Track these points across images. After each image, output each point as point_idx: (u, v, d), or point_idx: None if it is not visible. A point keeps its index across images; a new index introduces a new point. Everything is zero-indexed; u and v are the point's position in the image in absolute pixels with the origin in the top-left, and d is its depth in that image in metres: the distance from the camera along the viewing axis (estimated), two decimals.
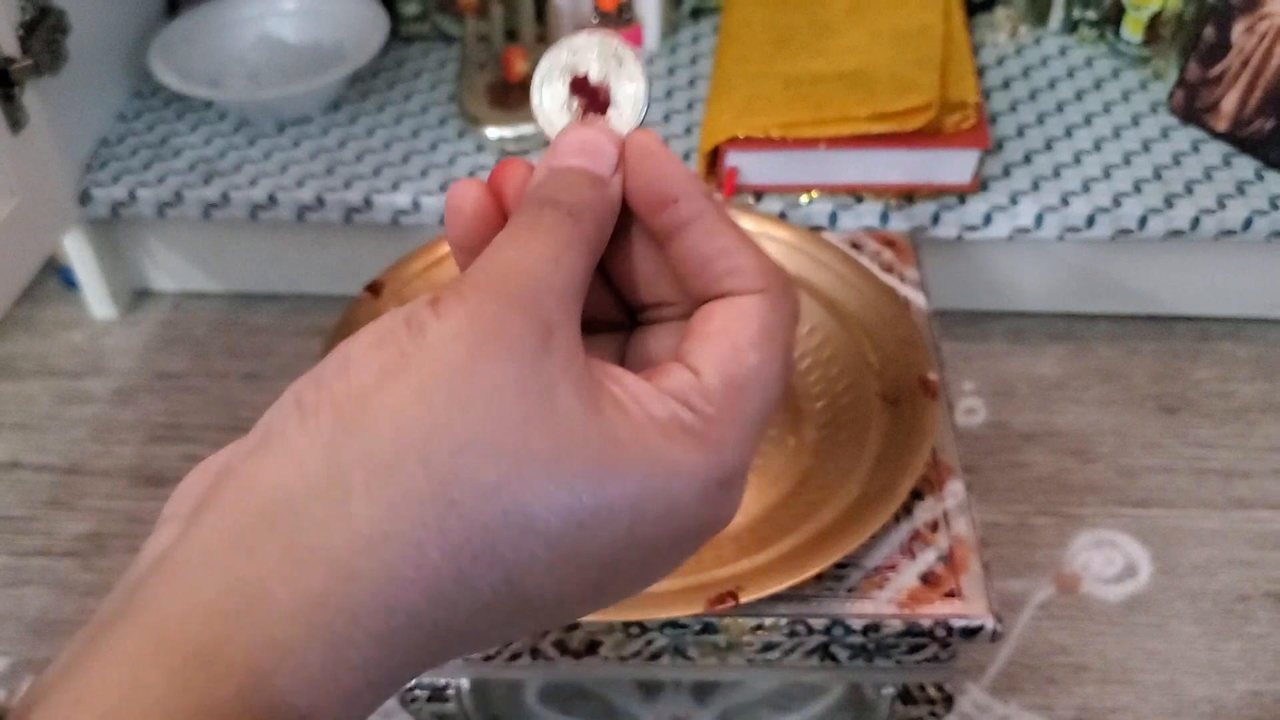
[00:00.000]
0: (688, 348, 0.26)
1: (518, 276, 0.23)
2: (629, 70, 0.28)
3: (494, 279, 0.23)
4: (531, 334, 0.23)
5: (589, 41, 0.28)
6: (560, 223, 0.25)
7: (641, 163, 0.27)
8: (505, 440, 0.22)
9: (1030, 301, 0.86)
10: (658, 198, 0.26)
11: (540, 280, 0.24)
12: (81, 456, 0.79)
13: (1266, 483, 0.75)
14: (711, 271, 0.26)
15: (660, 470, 0.23)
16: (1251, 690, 0.65)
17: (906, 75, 0.77)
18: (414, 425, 0.22)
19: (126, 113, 0.89)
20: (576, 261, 0.25)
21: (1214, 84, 0.81)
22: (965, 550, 0.54)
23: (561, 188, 0.26)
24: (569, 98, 0.28)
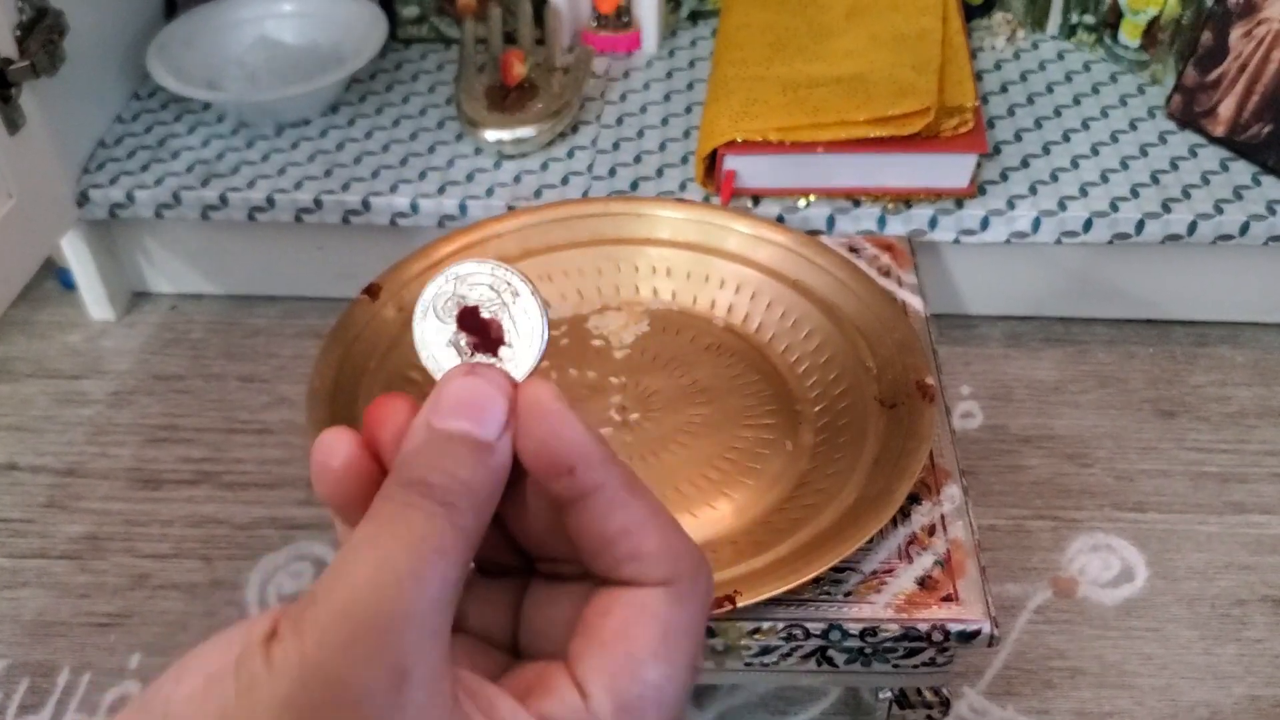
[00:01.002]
0: (578, 652, 0.23)
1: (368, 605, 0.20)
2: (525, 303, 0.25)
3: (339, 611, 0.20)
4: (379, 685, 0.19)
5: (479, 269, 0.25)
6: (430, 519, 0.21)
7: (535, 422, 0.23)
8: None
9: (1027, 306, 0.87)
10: (551, 465, 0.23)
11: (397, 608, 0.20)
12: (78, 458, 0.79)
13: (1263, 487, 0.75)
14: (611, 554, 0.23)
15: None
16: (1248, 695, 0.65)
17: (904, 79, 0.77)
18: None
19: (124, 114, 0.89)
20: (448, 570, 0.21)
21: (1211, 89, 0.81)
22: (962, 554, 0.54)
23: (436, 464, 0.22)
24: (456, 333, 0.25)
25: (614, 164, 0.82)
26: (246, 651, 0.20)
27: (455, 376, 0.24)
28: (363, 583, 0.20)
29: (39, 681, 0.67)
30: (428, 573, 0.21)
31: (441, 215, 0.80)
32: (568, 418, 0.23)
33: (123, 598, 0.71)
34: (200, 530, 0.74)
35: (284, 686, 0.19)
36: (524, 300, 0.25)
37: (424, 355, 0.25)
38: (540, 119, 0.82)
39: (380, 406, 0.24)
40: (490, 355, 0.25)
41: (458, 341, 0.25)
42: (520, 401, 0.24)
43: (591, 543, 0.23)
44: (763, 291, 0.65)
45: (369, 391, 0.60)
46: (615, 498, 0.23)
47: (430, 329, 0.25)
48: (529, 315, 0.25)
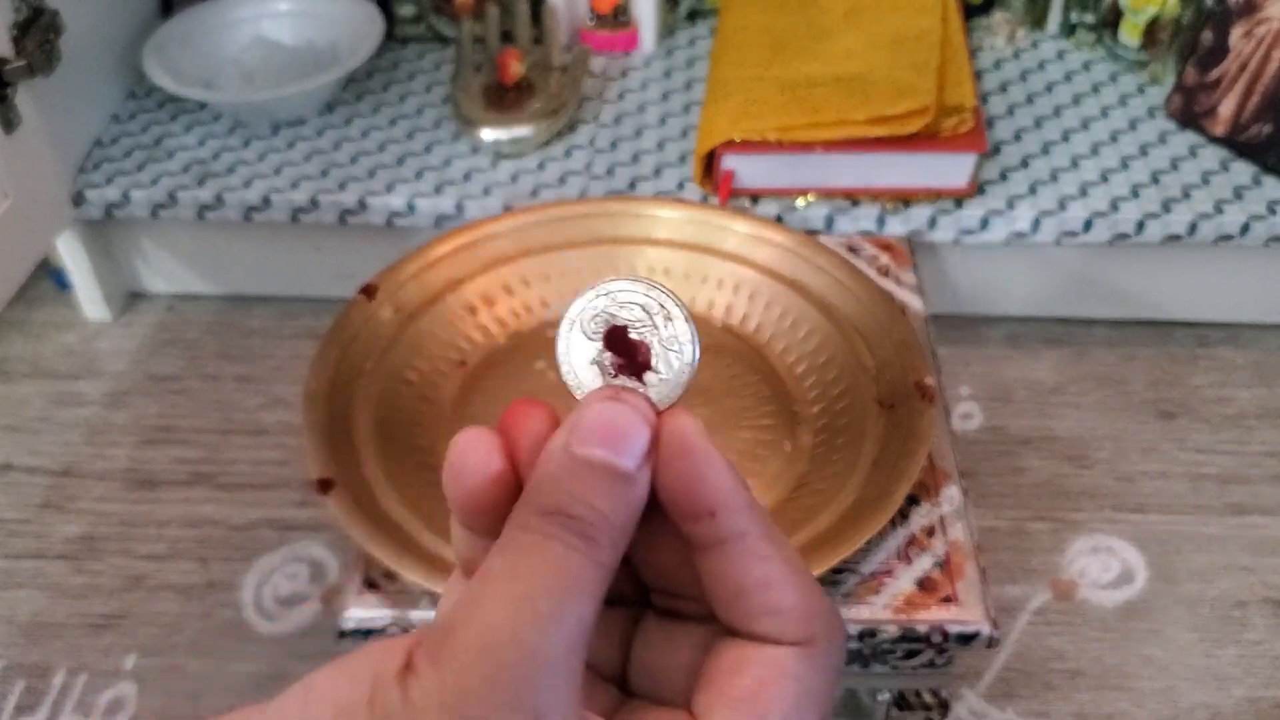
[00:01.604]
0: (706, 708, 0.22)
1: (509, 646, 0.19)
2: (677, 328, 0.24)
3: (478, 649, 0.19)
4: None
5: (633, 287, 0.24)
6: (570, 553, 0.21)
7: (677, 460, 0.22)
8: None
9: (1027, 306, 0.86)
10: (691, 506, 0.22)
11: (538, 650, 0.20)
12: (74, 459, 0.79)
13: (1263, 488, 0.75)
14: (746, 605, 0.22)
15: None
16: (1248, 697, 0.65)
17: (903, 79, 0.77)
18: None
19: (120, 114, 0.88)
20: (585, 609, 0.21)
21: (1211, 88, 0.81)
22: (961, 556, 0.53)
23: (577, 493, 0.21)
24: (601, 352, 0.24)
25: (611, 163, 0.82)
26: (380, 683, 0.19)
27: (598, 399, 0.23)
28: (503, 620, 0.20)
29: (34, 683, 0.67)
30: (568, 612, 0.20)
31: (438, 215, 0.80)
32: (713, 456, 0.22)
33: (118, 599, 0.71)
34: (196, 531, 0.74)
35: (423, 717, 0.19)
36: (676, 325, 0.24)
37: (564, 370, 0.24)
38: (537, 118, 0.82)
39: (518, 414, 0.23)
40: (635, 380, 0.24)
41: (602, 361, 0.24)
42: (663, 433, 0.22)
43: (725, 591, 0.22)
44: (761, 292, 0.65)
45: (365, 392, 0.60)
46: (756, 548, 0.22)
47: (575, 345, 0.24)
48: (680, 341, 0.24)
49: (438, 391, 0.62)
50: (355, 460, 0.56)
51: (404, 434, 0.59)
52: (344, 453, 0.56)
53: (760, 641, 0.22)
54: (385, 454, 0.57)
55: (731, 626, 0.23)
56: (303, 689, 0.20)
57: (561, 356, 0.24)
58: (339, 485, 0.54)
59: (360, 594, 0.53)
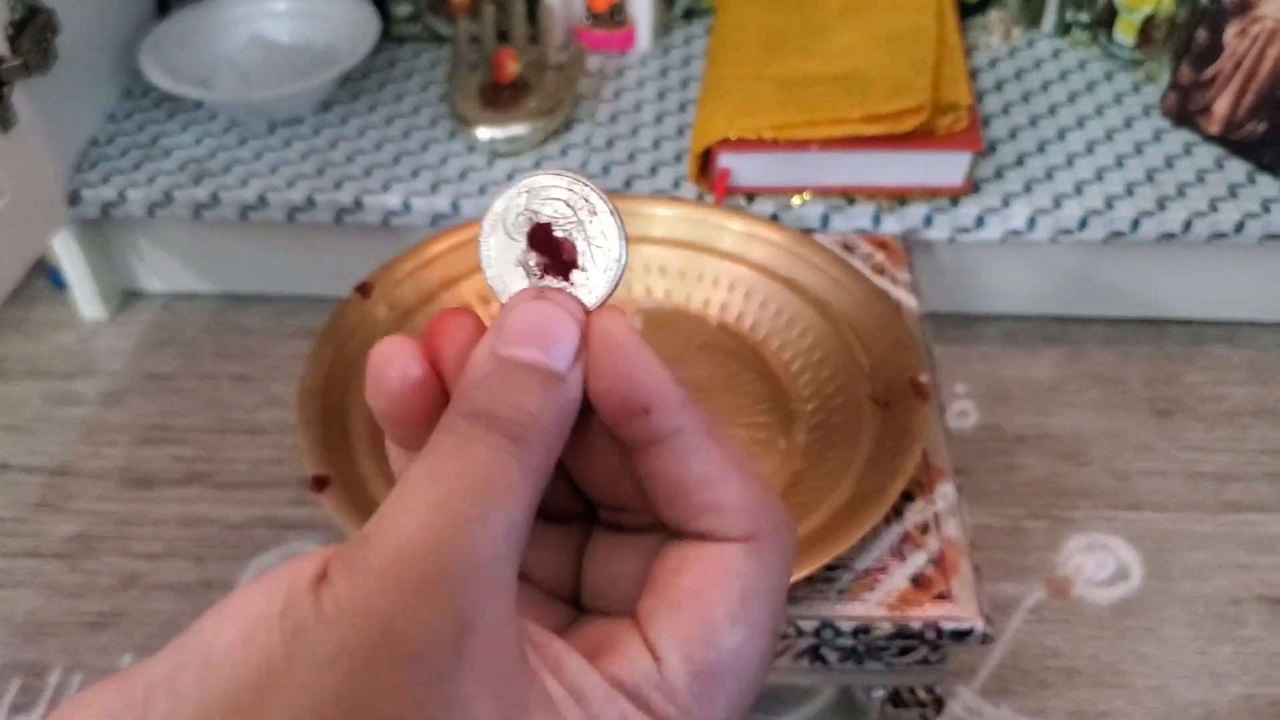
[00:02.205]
0: (649, 612, 0.21)
1: (429, 549, 0.18)
2: (603, 223, 0.23)
3: (396, 554, 0.18)
4: (440, 637, 0.18)
5: (555, 182, 0.23)
6: (496, 454, 0.20)
7: (607, 357, 0.21)
8: None
9: (1023, 304, 0.86)
10: (624, 405, 0.21)
11: (460, 553, 0.18)
12: (70, 458, 0.79)
13: (1259, 486, 0.75)
14: (687, 504, 0.22)
15: None
16: (1243, 694, 0.65)
17: (899, 77, 0.77)
18: None
19: (116, 113, 0.88)
20: (515, 511, 0.20)
21: (1206, 87, 0.81)
22: (955, 553, 0.53)
23: (503, 395, 0.21)
24: (525, 252, 0.23)
25: (608, 162, 0.82)
26: (293, 596, 0.18)
27: (523, 300, 0.22)
28: (423, 524, 0.19)
29: (31, 681, 0.67)
30: (493, 514, 0.19)
31: (434, 214, 0.80)
32: (644, 353, 0.21)
33: (115, 598, 0.71)
34: (192, 530, 0.74)
35: (335, 635, 0.18)
36: (602, 219, 0.23)
37: (489, 274, 0.23)
38: (533, 117, 0.82)
39: (443, 321, 0.22)
40: (561, 279, 0.23)
41: (527, 261, 0.23)
42: (592, 332, 0.22)
43: (665, 491, 0.22)
44: (756, 290, 0.65)
45: (360, 390, 0.60)
46: (695, 443, 0.21)
47: (497, 245, 0.23)
48: (606, 237, 0.23)
49: None
50: (350, 458, 0.56)
51: None
52: (339, 451, 0.56)
53: (703, 540, 0.21)
54: (380, 452, 0.57)
55: (675, 528, 0.22)
56: (216, 611, 0.19)
57: (484, 260, 0.23)
58: (334, 483, 0.54)
59: None
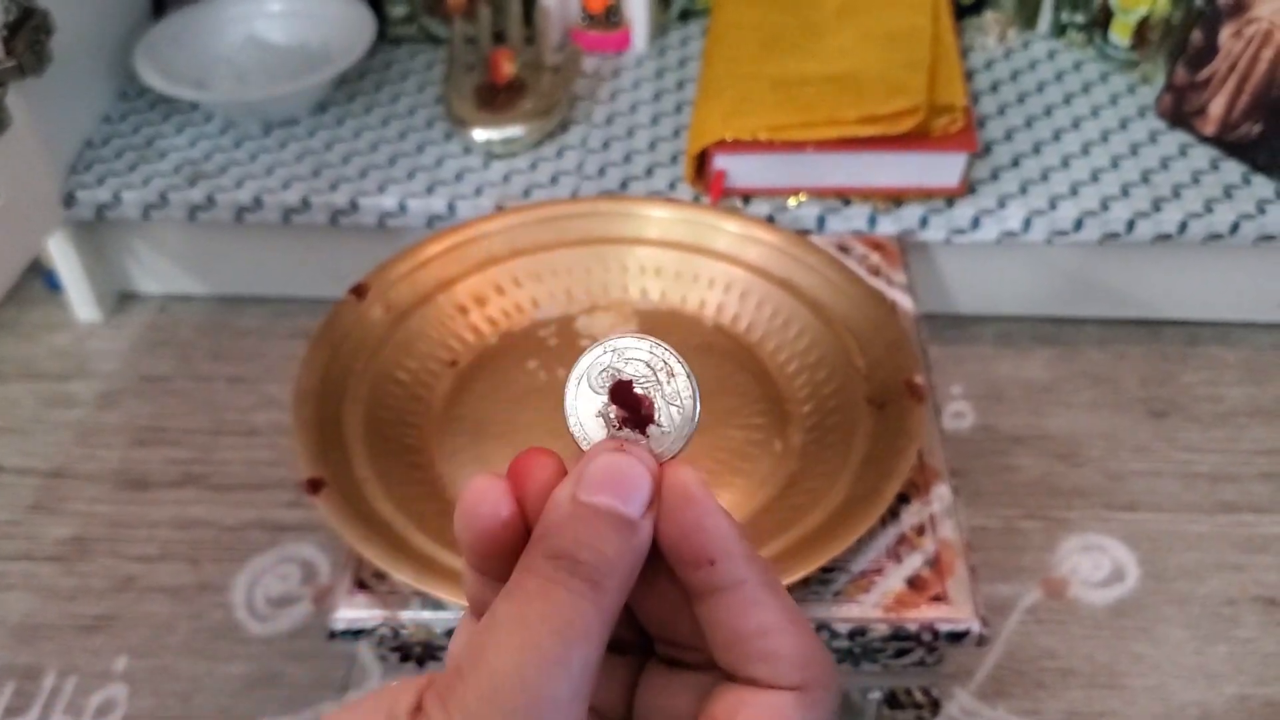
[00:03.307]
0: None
1: (516, 691, 0.20)
2: (679, 384, 0.25)
3: (486, 693, 0.20)
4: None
5: (638, 345, 0.25)
6: (576, 598, 0.22)
7: (679, 510, 0.23)
8: None
9: (1018, 305, 0.86)
10: (692, 554, 0.23)
11: (544, 695, 0.20)
12: (65, 460, 0.79)
13: (1254, 486, 0.75)
14: (744, 650, 0.23)
15: None
16: (1239, 694, 0.65)
17: (895, 78, 0.77)
18: None
19: (111, 114, 0.88)
20: (590, 653, 0.22)
21: (1201, 88, 0.81)
22: (951, 554, 0.53)
23: (583, 539, 0.22)
24: (606, 405, 0.25)
25: (603, 163, 0.82)
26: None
27: (603, 451, 0.24)
28: (510, 666, 0.20)
29: (25, 684, 0.67)
30: (573, 656, 0.21)
31: (430, 215, 0.80)
32: (713, 507, 0.23)
33: (109, 600, 0.70)
34: (187, 532, 0.74)
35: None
36: (679, 381, 0.25)
37: (572, 422, 0.26)
38: (529, 118, 0.82)
39: (528, 462, 0.24)
40: (639, 432, 0.25)
41: (607, 413, 0.25)
42: (666, 485, 0.24)
43: (724, 637, 0.23)
44: (752, 291, 0.65)
45: (356, 392, 0.60)
46: (754, 595, 0.23)
47: (582, 398, 0.26)
48: (681, 397, 0.25)
49: (429, 391, 0.62)
50: (346, 460, 0.56)
51: (395, 434, 0.59)
52: (335, 453, 0.56)
53: (757, 686, 0.23)
54: (376, 454, 0.57)
55: (730, 672, 0.23)
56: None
57: (569, 409, 0.26)
58: (329, 485, 0.54)
59: (351, 594, 0.53)
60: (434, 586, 0.50)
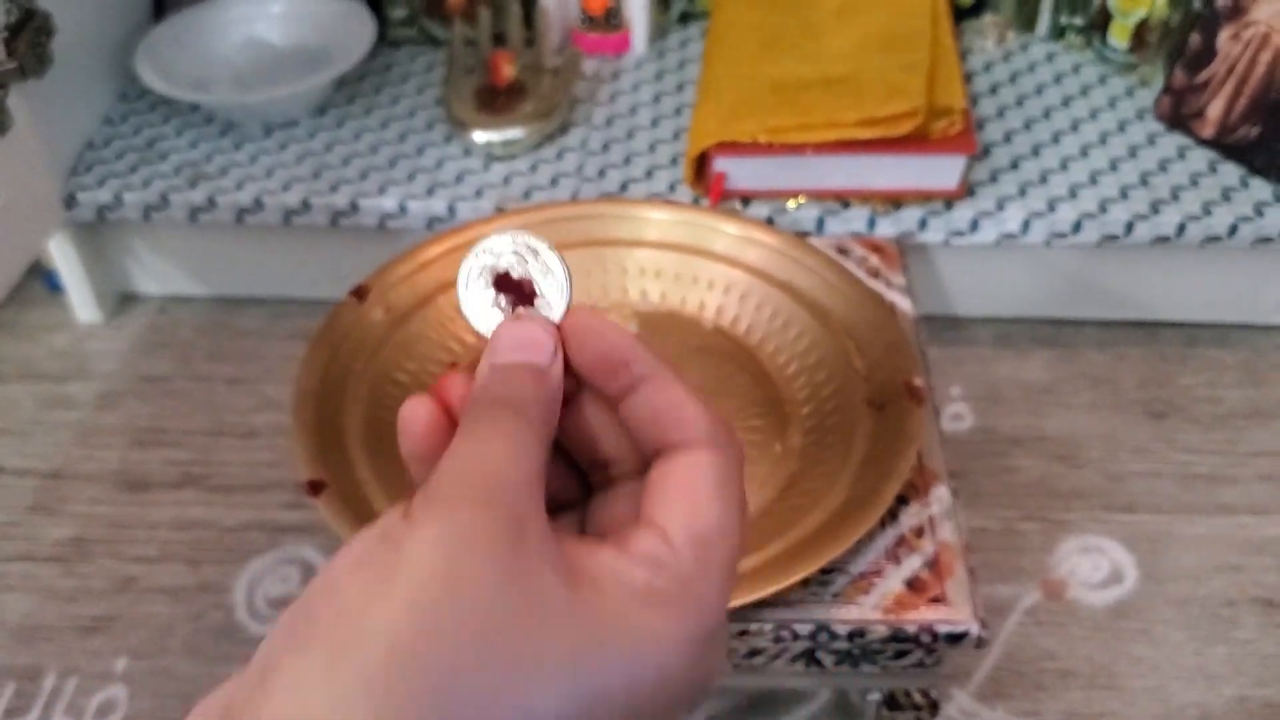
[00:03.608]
0: (650, 506, 0.27)
1: (482, 478, 0.24)
2: (546, 259, 0.29)
3: (459, 483, 0.24)
4: (505, 530, 0.23)
5: (500, 240, 0.29)
6: (510, 421, 0.26)
7: (586, 339, 0.28)
8: (497, 641, 0.22)
9: (1017, 307, 0.87)
10: (609, 366, 0.28)
11: (504, 478, 0.25)
12: (64, 461, 0.79)
13: (1253, 488, 0.75)
14: (663, 422, 0.27)
15: (648, 642, 0.24)
16: (1238, 695, 0.65)
17: (894, 81, 0.77)
18: (406, 639, 0.22)
19: (112, 116, 0.88)
20: (533, 455, 0.26)
21: (1199, 90, 0.81)
22: (950, 556, 0.54)
23: (506, 386, 0.27)
24: (495, 296, 0.30)
25: (603, 165, 0.82)
26: (388, 525, 0.24)
27: (505, 325, 0.29)
28: (472, 465, 0.25)
29: (25, 685, 0.67)
30: (520, 455, 0.25)
31: (430, 217, 0.80)
32: (612, 326, 0.28)
33: (109, 601, 0.70)
34: (187, 533, 0.74)
35: (427, 534, 0.23)
36: (544, 255, 0.29)
37: (473, 321, 0.30)
38: (529, 120, 0.82)
39: (446, 380, 0.29)
40: (529, 306, 0.29)
41: (498, 303, 0.30)
42: (568, 328, 0.28)
43: (646, 418, 0.28)
44: (752, 293, 0.65)
45: (356, 393, 0.60)
46: (665, 380, 0.28)
47: (473, 299, 0.30)
48: (550, 266, 0.29)
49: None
50: (346, 462, 0.56)
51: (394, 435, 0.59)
52: (334, 454, 0.56)
53: (678, 450, 0.27)
54: (376, 455, 0.57)
55: (656, 445, 0.28)
56: (336, 555, 0.24)
57: (466, 313, 0.30)
58: (329, 487, 0.54)
59: None
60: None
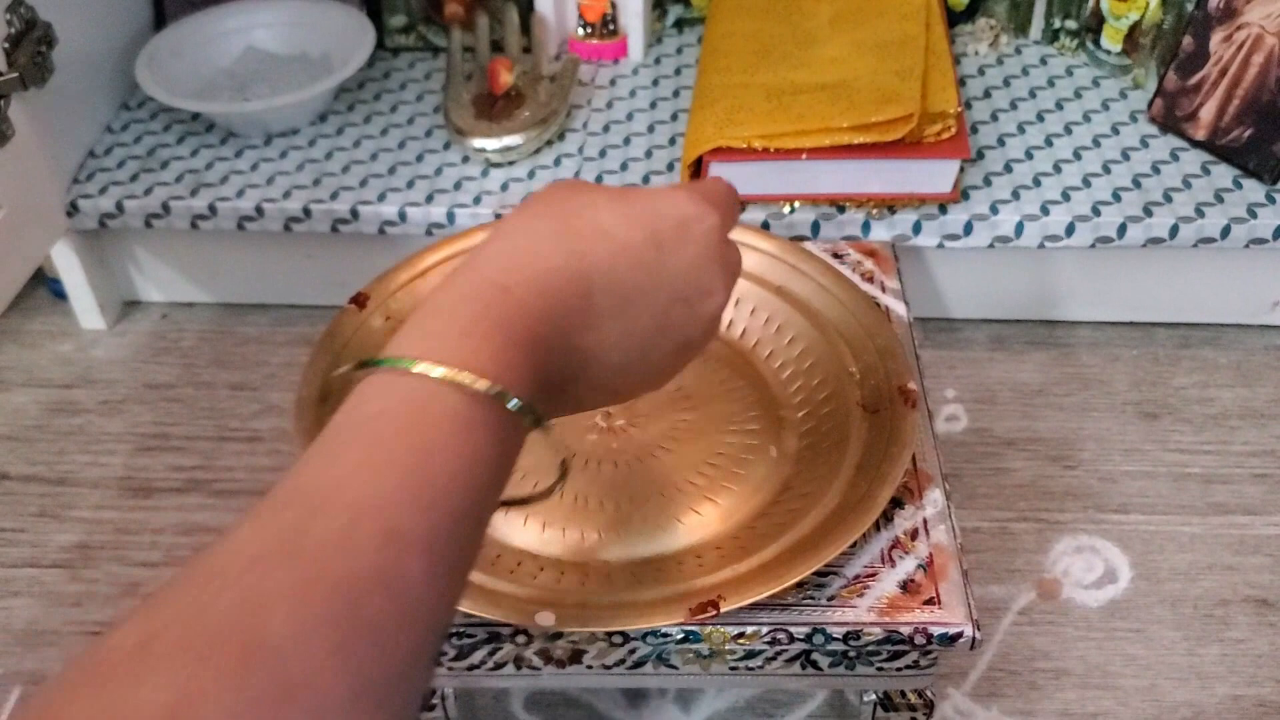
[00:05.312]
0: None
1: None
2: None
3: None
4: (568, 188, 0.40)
5: None
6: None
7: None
8: (576, 196, 0.39)
9: (1011, 309, 0.87)
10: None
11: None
12: (69, 467, 0.80)
13: (1246, 488, 0.76)
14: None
15: (662, 192, 0.40)
16: (1231, 695, 0.66)
17: (888, 86, 0.78)
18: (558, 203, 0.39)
19: (114, 124, 0.89)
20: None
21: (1192, 93, 0.82)
22: (945, 558, 0.54)
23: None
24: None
25: (601, 171, 0.83)
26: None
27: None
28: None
29: (30, 690, 0.67)
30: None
31: (429, 224, 0.80)
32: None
33: (114, 606, 0.71)
34: (191, 539, 0.75)
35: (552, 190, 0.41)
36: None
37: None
38: (527, 127, 0.83)
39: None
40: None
41: None
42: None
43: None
44: (747, 297, 0.66)
45: None
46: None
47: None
48: None
49: None
50: None
51: None
52: None
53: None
54: None
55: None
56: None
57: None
58: None
59: None
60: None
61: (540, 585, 0.52)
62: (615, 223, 0.38)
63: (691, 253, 0.39)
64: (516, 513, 0.56)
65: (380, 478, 0.29)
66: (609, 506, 0.57)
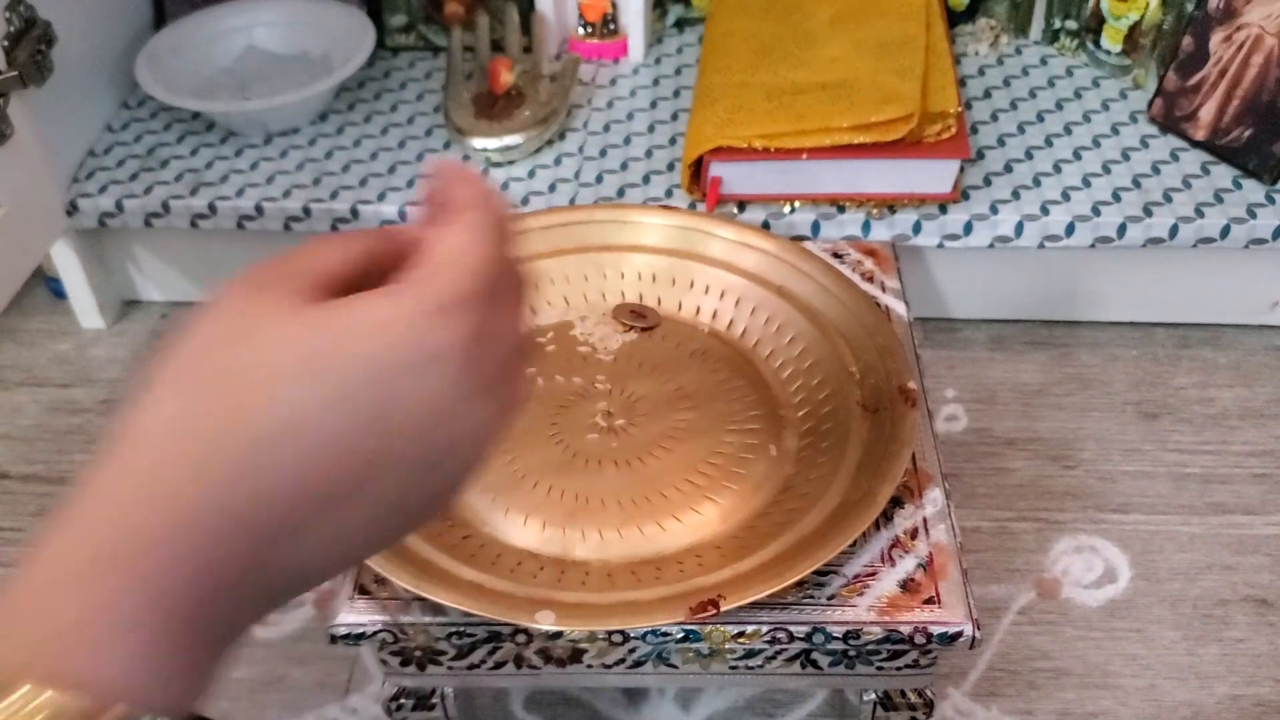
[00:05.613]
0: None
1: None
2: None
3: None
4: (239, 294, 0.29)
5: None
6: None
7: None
8: (264, 354, 0.27)
9: (1011, 309, 0.87)
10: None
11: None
12: (69, 467, 0.80)
13: (1245, 488, 0.76)
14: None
15: (372, 327, 0.27)
16: (1230, 694, 0.66)
17: (888, 86, 0.78)
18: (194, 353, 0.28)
19: (113, 123, 0.89)
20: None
21: (1192, 93, 0.82)
22: (944, 557, 0.54)
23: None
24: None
25: (600, 171, 0.83)
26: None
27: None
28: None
29: None
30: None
31: None
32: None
33: None
34: None
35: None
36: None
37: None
38: (527, 127, 0.83)
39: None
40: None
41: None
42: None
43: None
44: (747, 297, 0.66)
45: None
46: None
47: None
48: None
49: None
50: None
51: None
52: None
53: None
54: None
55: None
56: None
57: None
58: None
59: (352, 599, 0.53)
60: (433, 591, 0.51)
61: (540, 585, 0.52)
62: (303, 404, 0.26)
63: (430, 409, 0.28)
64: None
65: None
66: (609, 506, 0.57)
